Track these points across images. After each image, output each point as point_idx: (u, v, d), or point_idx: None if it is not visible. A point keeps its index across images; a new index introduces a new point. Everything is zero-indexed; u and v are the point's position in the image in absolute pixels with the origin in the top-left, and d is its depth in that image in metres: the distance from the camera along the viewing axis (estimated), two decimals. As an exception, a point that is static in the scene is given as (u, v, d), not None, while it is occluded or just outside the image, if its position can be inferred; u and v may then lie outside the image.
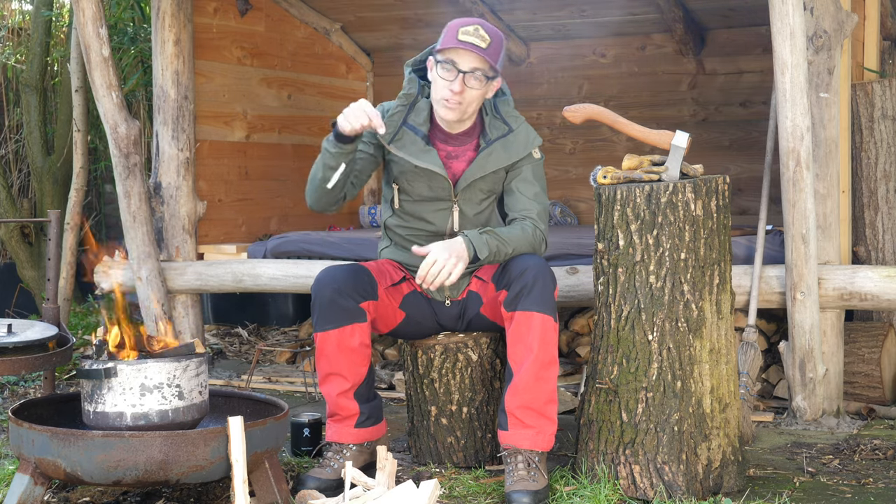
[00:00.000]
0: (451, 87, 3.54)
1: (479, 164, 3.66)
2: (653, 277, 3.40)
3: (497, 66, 3.56)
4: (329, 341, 3.61)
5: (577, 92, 6.76)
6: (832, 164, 4.36)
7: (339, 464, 3.62)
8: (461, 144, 3.71)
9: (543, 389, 3.49)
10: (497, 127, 3.69)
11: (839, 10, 4.32)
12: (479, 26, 3.54)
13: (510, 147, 3.68)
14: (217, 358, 5.95)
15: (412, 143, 3.66)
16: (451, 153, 3.71)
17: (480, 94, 3.58)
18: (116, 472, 3.05)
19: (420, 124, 3.68)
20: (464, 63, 3.53)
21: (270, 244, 5.57)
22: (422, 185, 3.70)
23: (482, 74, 3.54)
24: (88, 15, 4.94)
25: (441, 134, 3.70)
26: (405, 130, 3.67)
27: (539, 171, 3.74)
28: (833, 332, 4.40)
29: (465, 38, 3.52)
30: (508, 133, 3.69)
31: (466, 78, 3.53)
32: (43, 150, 7.06)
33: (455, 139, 3.71)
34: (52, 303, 4.20)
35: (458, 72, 3.53)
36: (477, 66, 3.53)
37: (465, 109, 3.59)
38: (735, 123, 6.43)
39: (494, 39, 3.54)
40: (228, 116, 5.99)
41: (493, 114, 3.71)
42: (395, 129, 3.66)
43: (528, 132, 3.71)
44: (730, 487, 3.46)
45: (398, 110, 3.68)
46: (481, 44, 3.51)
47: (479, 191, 3.71)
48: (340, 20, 6.73)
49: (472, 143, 3.71)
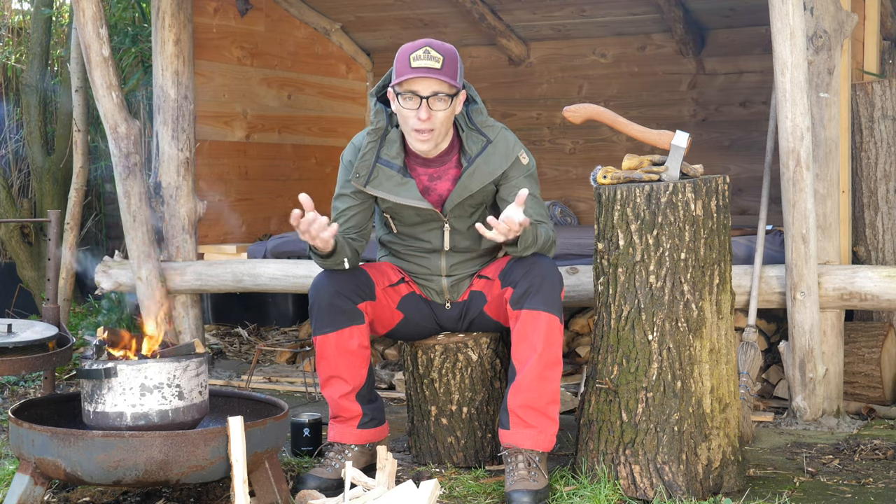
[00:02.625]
0: (418, 116, 3.47)
1: (464, 185, 3.61)
2: (653, 277, 3.40)
3: (457, 82, 3.49)
4: (328, 344, 3.61)
5: (577, 92, 6.77)
6: (832, 164, 4.36)
7: (339, 464, 3.63)
8: (442, 164, 3.65)
9: (546, 389, 3.49)
10: (475, 140, 3.62)
11: (839, 10, 4.32)
12: (428, 47, 3.46)
13: (491, 161, 3.61)
14: (217, 358, 5.95)
15: (388, 180, 3.60)
16: (433, 175, 3.66)
17: (448, 114, 3.52)
18: (116, 472, 3.05)
19: (394, 157, 3.61)
20: (423, 89, 3.46)
21: (270, 244, 5.57)
22: (409, 213, 3.67)
23: (444, 95, 3.48)
24: (88, 15, 4.94)
25: (420, 159, 3.65)
26: (380, 167, 3.61)
27: (533, 179, 3.67)
28: (833, 332, 4.40)
29: (419, 64, 3.44)
30: (487, 145, 3.61)
31: (430, 102, 3.46)
32: (43, 150, 7.06)
33: (434, 161, 3.65)
34: (52, 303, 4.20)
35: (419, 99, 3.47)
36: (436, 89, 3.46)
37: (437, 136, 3.53)
38: (735, 123, 6.43)
39: (447, 56, 3.47)
40: (228, 116, 5.99)
41: (469, 126, 3.63)
42: (370, 169, 3.60)
43: (506, 141, 3.63)
44: (730, 487, 3.46)
45: (369, 147, 3.60)
46: (435, 65, 3.44)
47: (468, 206, 3.67)
48: (340, 20, 6.73)
49: (452, 161, 3.65)
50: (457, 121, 3.63)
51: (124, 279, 5.46)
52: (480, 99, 3.70)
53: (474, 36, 6.76)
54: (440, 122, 3.50)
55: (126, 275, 5.44)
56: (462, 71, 3.54)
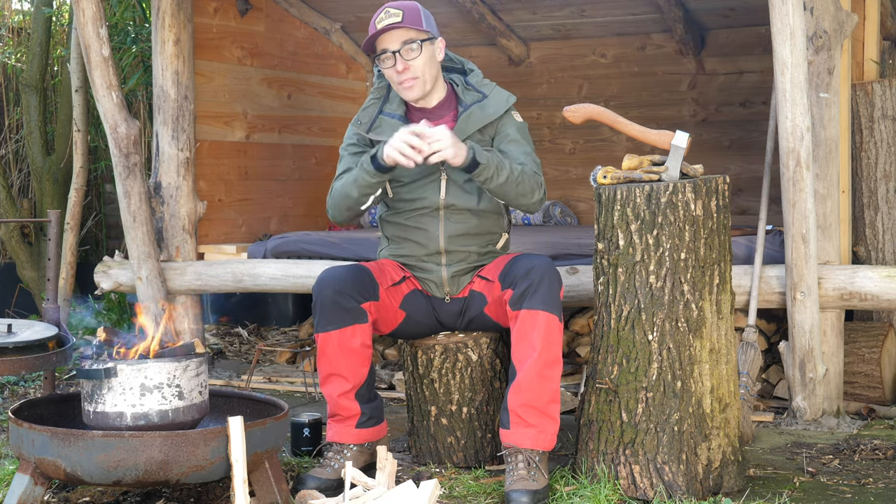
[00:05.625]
0: (395, 70, 3.66)
1: (460, 127, 3.72)
2: (653, 277, 3.40)
3: (424, 27, 3.67)
4: (330, 342, 3.61)
5: (577, 92, 6.76)
6: (832, 164, 4.36)
7: (339, 464, 3.63)
8: (440, 117, 3.78)
9: (546, 388, 3.49)
10: (471, 95, 3.80)
11: (839, 10, 4.32)
12: (387, 8, 3.69)
13: (487, 107, 3.76)
14: (217, 358, 5.95)
15: (391, 128, 3.73)
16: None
17: (426, 58, 3.69)
18: (116, 472, 3.05)
19: (395, 109, 3.80)
20: (392, 43, 3.66)
21: (270, 244, 5.57)
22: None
23: (414, 43, 3.65)
24: (88, 15, 4.94)
25: (419, 112, 3.79)
26: (382, 118, 3.78)
27: (525, 134, 3.80)
28: (833, 332, 4.40)
29: (381, 24, 3.65)
30: (483, 98, 3.78)
31: (403, 53, 3.66)
32: (43, 150, 7.06)
33: (433, 113, 3.78)
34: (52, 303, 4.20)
35: (392, 55, 3.65)
36: (404, 38, 3.66)
37: (423, 82, 3.70)
38: (735, 123, 6.43)
39: (405, 10, 3.67)
40: (228, 116, 5.99)
41: (466, 86, 3.82)
42: (372, 119, 3.78)
43: (501, 93, 3.80)
44: (730, 487, 3.46)
45: (372, 103, 3.83)
46: (395, 20, 3.64)
47: None
48: (340, 20, 6.72)
49: (450, 115, 3.79)
50: (453, 80, 3.82)
51: (124, 279, 5.46)
52: (477, 68, 3.89)
53: (474, 36, 6.76)
54: (420, 69, 3.69)
55: (126, 275, 5.44)
56: (429, 19, 3.74)
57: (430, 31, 3.69)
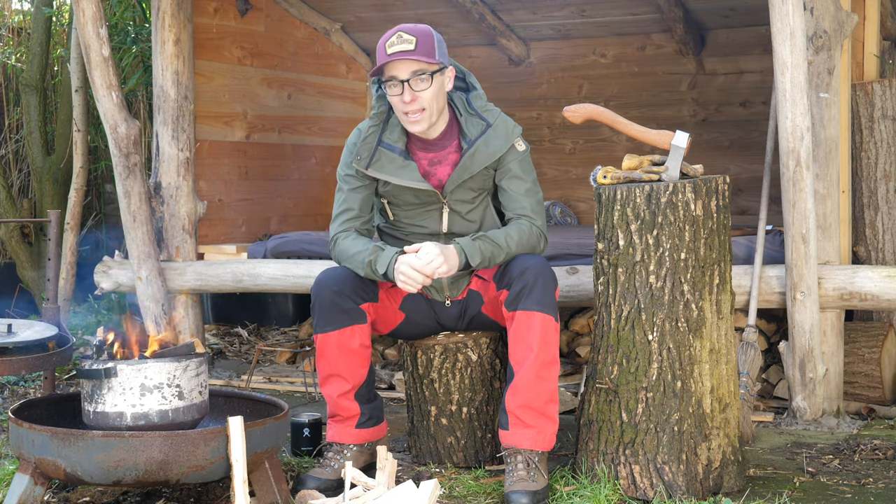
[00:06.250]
0: (402, 100, 3.52)
1: (464, 167, 3.63)
2: (653, 277, 3.40)
3: (436, 58, 3.52)
4: (329, 343, 3.61)
5: (577, 92, 6.76)
6: (832, 164, 4.36)
7: (339, 464, 3.63)
8: (442, 149, 3.68)
9: (544, 389, 3.49)
10: (474, 124, 3.66)
11: (839, 10, 4.32)
12: (400, 32, 3.53)
13: (491, 143, 3.63)
14: (217, 358, 5.95)
15: (390, 162, 3.64)
16: (434, 159, 3.68)
17: (436, 90, 3.55)
18: (116, 472, 3.05)
19: (395, 140, 3.65)
20: (401, 73, 3.51)
21: (270, 244, 5.57)
22: (408, 195, 3.69)
23: (424, 74, 3.51)
24: (88, 15, 4.94)
25: (420, 143, 3.68)
26: (382, 150, 3.65)
27: (527, 165, 3.70)
28: (833, 332, 4.40)
29: (392, 50, 3.50)
30: (487, 129, 3.64)
31: (412, 84, 3.51)
32: (43, 150, 7.06)
33: (435, 144, 3.68)
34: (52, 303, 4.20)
35: (400, 83, 3.51)
36: (414, 68, 3.51)
37: (430, 114, 3.57)
38: (735, 123, 6.43)
39: (419, 37, 3.52)
40: (228, 116, 5.99)
41: (468, 111, 3.68)
42: (372, 152, 3.64)
43: (506, 124, 3.66)
44: (730, 487, 3.46)
45: (371, 131, 3.66)
46: (409, 47, 3.49)
47: (469, 190, 3.68)
48: (340, 20, 6.73)
49: (453, 145, 3.68)
50: (455, 106, 3.68)
51: (124, 279, 5.46)
52: (480, 85, 3.74)
53: (474, 36, 6.76)
54: (428, 101, 3.54)
55: (126, 275, 5.44)
56: (442, 47, 3.58)
57: (441, 61, 3.54)
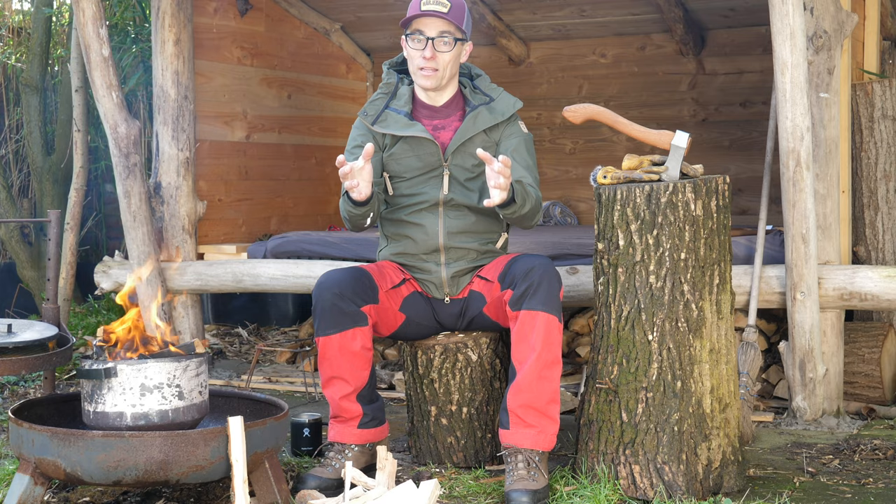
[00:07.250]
0: (423, 55, 3.68)
1: (467, 126, 3.75)
2: (653, 277, 3.40)
3: (463, 28, 3.69)
4: (331, 345, 3.61)
5: (577, 92, 6.77)
6: (832, 164, 4.36)
7: (339, 464, 3.63)
8: (446, 116, 3.81)
9: (546, 389, 3.49)
10: (479, 97, 3.82)
11: (839, 10, 4.32)
12: None
13: (495, 110, 3.79)
14: (217, 358, 5.95)
15: (396, 122, 3.77)
16: (438, 125, 3.81)
17: (453, 56, 3.71)
18: (116, 472, 3.05)
19: (402, 106, 3.80)
20: (430, 29, 3.68)
21: (270, 244, 5.57)
22: (411, 158, 3.77)
23: (450, 37, 3.67)
24: (88, 15, 4.94)
25: (425, 110, 3.81)
26: (388, 112, 3.79)
27: (530, 147, 3.82)
28: (833, 332, 4.40)
29: (427, 7, 3.67)
30: (491, 101, 3.81)
31: (435, 43, 3.68)
32: (43, 150, 7.06)
33: (439, 112, 3.81)
34: (52, 303, 4.20)
35: (426, 39, 3.68)
36: (443, 29, 3.67)
37: (441, 75, 3.72)
38: (735, 123, 6.43)
39: (455, 4, 3.68)
40: (228, 116, 5.99)
41: (473, 88, 3.84)
42: (379, 112, 3.79)
43: (508, 97, 3.83)
44: (730, 487, 3.46)
45: (379, 97, 3.83)
46: (443, 9, 3.66)
47: (470, 156, 3.76)
48: (340, 20, 6.73)
49: (457, 115, 3.82)
50: (462, 83, 3.84)
51: (124, 279, 5.45)
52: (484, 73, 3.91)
53: (474, 36, 6.74)
54: (444, 64, 3.71)
55: (126, 275, 5.44)
56: (469, 21, 3.76)
57: (466, 32, 3.73)
